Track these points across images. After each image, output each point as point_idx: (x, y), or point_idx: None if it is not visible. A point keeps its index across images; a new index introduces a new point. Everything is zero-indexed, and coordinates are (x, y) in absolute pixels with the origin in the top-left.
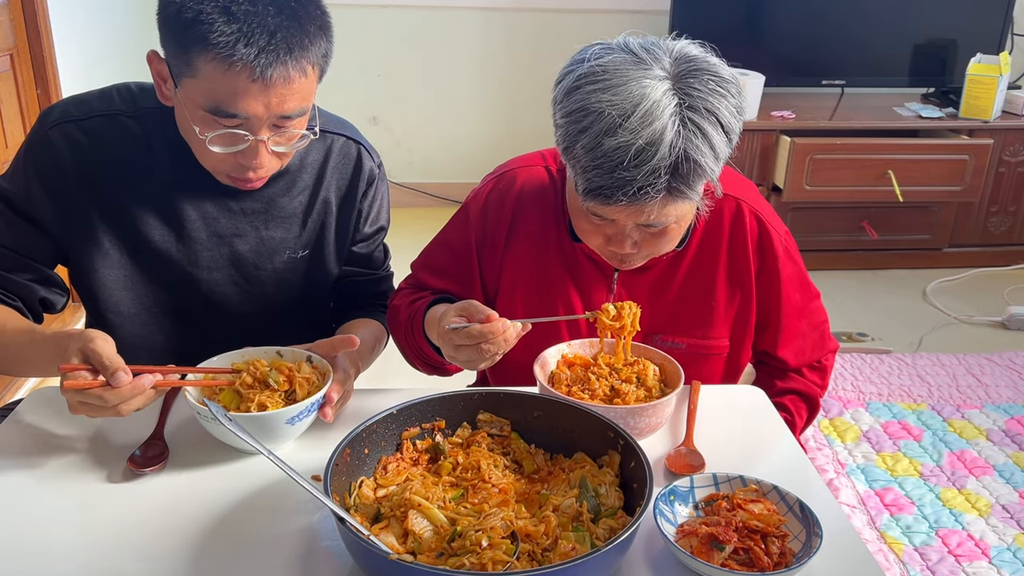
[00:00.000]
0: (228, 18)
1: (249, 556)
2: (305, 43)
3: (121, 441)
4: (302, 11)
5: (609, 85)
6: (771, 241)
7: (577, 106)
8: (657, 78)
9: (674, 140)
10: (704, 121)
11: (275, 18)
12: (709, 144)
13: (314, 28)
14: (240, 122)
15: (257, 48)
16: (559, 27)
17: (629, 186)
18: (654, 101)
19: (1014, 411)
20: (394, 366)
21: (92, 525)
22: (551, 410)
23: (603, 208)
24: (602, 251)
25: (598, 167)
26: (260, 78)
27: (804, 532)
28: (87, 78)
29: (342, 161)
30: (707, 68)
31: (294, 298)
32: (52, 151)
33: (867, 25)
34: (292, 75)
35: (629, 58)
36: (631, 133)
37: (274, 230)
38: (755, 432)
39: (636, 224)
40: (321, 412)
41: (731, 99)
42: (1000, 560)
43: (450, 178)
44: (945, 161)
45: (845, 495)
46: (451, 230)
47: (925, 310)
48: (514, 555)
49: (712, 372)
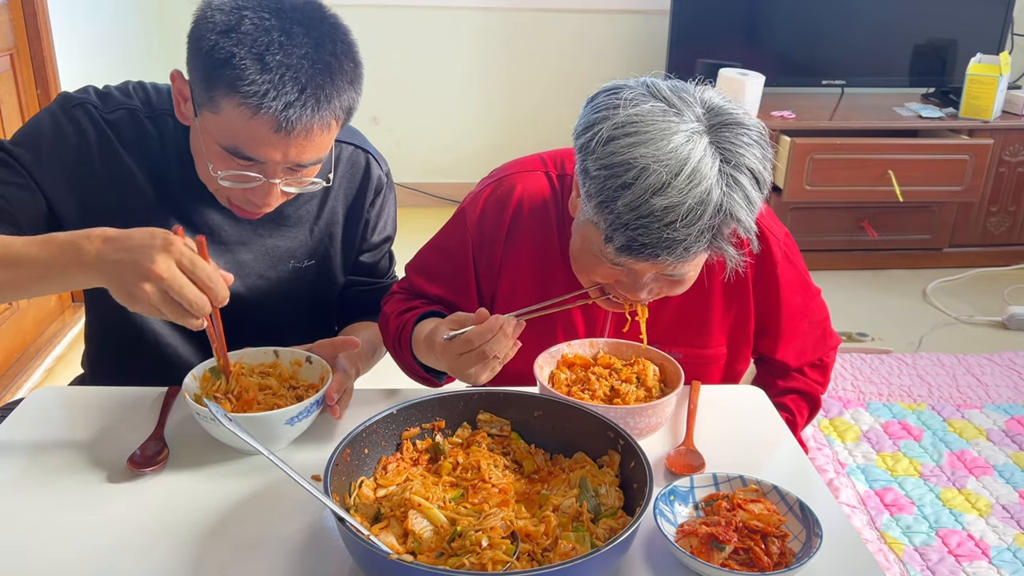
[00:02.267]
0: (261, 67)
1: (249, 556)
2: (333, 98)
3: (121, 441)
4: (336, 64)
5: (648, 138)
6: (768, 247)
7: (618, 160)
8: (694, 132)
9: (719, 200)
10: (743, 177)
11: (308, 71)
12: (747, 199)
13: (345, 83)
14: (255, 165)
15: (285, 102)
16: (559, 27)
17: (676, 245)
18: (699, 159)
19: (1014, 411)
20: (394, 366)
21: (92, 525)
22: (551, 410)
23: (637, 264)
24: (600, 299)
25: (644, 226)
26: (283, 130)
27: (804, 532)
28: (87, 78)
29: (350, 170)
30: (736, 121)
31: (297, 308)
32: (76, 127)
33: (867, 25)
34: (315, 129)
35: (663, 106)
36: (680, 193)
37: (280, 239)
38: (755, 432)
39: (658, 273)
40: (330, 411)
41: (762, 150)
42: (1000, 560)
43: (450, 178)
44: (945, 161)
45: (845, 495)
46: (447, 235)
47: (925, 310)
48: (514, 555)
49: (709, 378)
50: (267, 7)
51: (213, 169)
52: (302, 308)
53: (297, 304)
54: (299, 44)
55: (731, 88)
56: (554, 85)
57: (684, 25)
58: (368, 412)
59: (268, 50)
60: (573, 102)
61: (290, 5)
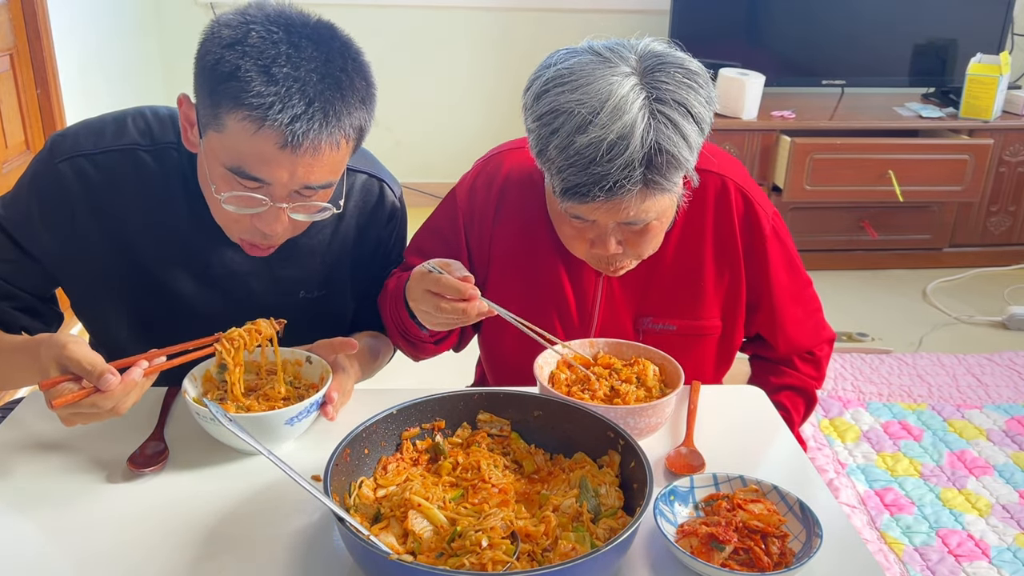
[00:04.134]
0: (267, 79)
1: (249, 556)
2: (343, 115)
3: (121, 441)
4: (347, 81)
5: (577, 86)
6: (758, 219)
7: (547, 109)
8: (623, 75)
9: (645, 132)
10: (674, 112)
11: (317, 86)
12: (681, 135)
13: (356, 100)
14: (261, 187)
15: (291, 115)
16: (559, 27)
17: (604, 181)
18: (621, 96)
19: (1014, 411)
20: (394, 366)
21: (92, 525)
22: (551, 410)
23: (582, 207)
24: (589, 259)
25: (572, 165)
26: (289, 145)
27: (804, 532)
28: (87, 78)
29: (363, 199)
30: (673, 62)
31: (303, 338)
32: (60, 185)
33: (867, 25)
34: (323, 147)
35: (595, 59)
36: (602, 128)
37: (290, 269)
38: (755, 432)
39: (617, 223)
40: (323, 411)
41: (700, 90)
42: (1000, 560)
43: (450, 178)
44: (945, 161)
45: (845, 495)
46: (439, 215)
47: (925, 310)
48: (514, 555)
49: (705, 354)
50: (276, 22)
51: (216, 191)
52: (311, 337)
53: (305, 332)
54: (308, 58)
55: (731, 88)
56: None
57: (684, 25)
58: (368, 412)
59: (275, 62)
60: None
61: (300, 22)
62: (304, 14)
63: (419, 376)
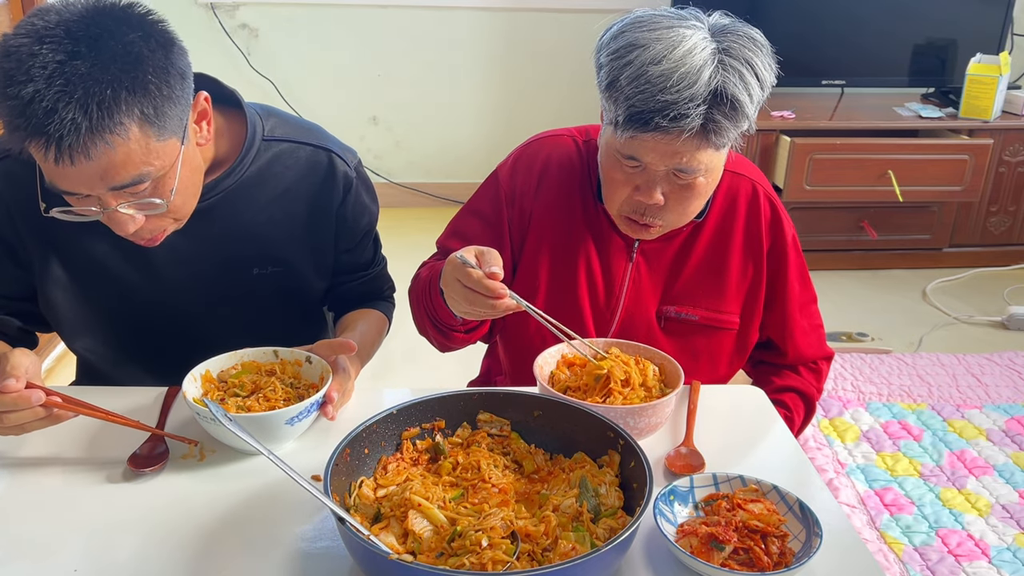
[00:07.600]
0: (19, 101)
1: (249, 556)
2: (104, 116)
3: (121, 441)
4: (99, 75)
5: (655, 27)
6: (782, 226)
7: (624, 43)
8: (696, 28)
9: (712, 74)
10: (741, 66)
11: (58, 93)
12: (745, 86)
13: (124, 93)
14: (81, 198)
15: (44, 134)
16: (559, 27)
17: (669, 110)
18: (695, 42)
19: (1014, 411)
20: (394, 366)
21: (92, 525)
22: (551, 410)
23: (640, 140)
24: (627, 207)
25: (641, 92)
26: (62, 161)
27: (804, 532)
28: None
29: (311, 172)
30: (742, 30)
31: (269, 313)
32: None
33: (867, 25)
34: (96, 152)
35: (671, 14)
36: (674, 63)
37: (237, 247)
38: (755, 432)
39: (667, 170)
40: (322, 411)
41: (764, 55)
42: (1000, 560)
43: (450, 178)
44: (945, 161)
45: (845, 495)
46: (480, 197)
47: (925, 310)
48: (514, 555)
49: (722, 348)
50: (19, 33)
51: (44, 210)
52: (272, 313)
53: (266, 310)
54: (43, 64)
55: None
56: (554, 85)
57: None
58: (368, 412)
59: (12, 80)
60: (573, 102)
61: (42, 25)
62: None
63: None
